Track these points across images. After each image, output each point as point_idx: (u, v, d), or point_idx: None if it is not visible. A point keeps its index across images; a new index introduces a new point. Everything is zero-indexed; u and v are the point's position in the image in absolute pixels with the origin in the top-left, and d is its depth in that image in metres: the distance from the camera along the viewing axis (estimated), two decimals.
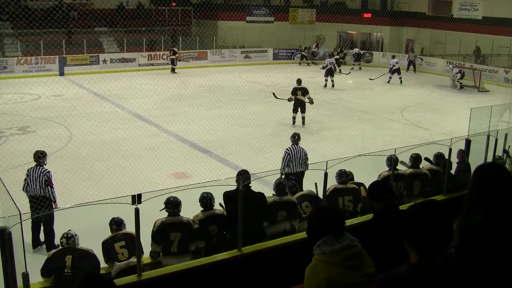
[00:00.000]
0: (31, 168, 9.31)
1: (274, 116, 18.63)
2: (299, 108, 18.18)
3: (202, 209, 7.07)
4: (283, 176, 10.20)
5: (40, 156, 9.34)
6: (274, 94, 18.88)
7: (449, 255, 2.75)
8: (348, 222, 6.44)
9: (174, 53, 30.06)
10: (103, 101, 21.67)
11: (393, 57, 29.71)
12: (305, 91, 18.17)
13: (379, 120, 19.49)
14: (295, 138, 11.06)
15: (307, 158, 10.86)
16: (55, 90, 21.27)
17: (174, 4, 36.54)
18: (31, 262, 4.97)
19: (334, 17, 36.17)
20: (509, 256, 2.90)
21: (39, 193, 9.15)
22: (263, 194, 7.43)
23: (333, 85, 26.39)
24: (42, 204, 9.11)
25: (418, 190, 8.67)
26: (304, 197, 8.02)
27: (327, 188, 7.35)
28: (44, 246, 9.22)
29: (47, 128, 16.92)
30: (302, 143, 11.04)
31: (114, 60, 30.99)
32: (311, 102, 18.14)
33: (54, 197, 9.29)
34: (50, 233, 9.15)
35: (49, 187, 9.22)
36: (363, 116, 20.15)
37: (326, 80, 26.47)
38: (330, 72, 26.50)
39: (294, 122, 18.29)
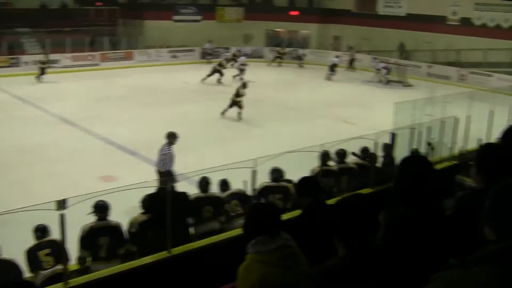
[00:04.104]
0: None
1: (204, 115, 18.57)
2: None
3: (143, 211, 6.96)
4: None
5: None
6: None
7: (376, 246, 2.80)
8: None
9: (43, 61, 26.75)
10: (25, 105, 20.92)
11: (337, 57, 30.22)
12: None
13: (307, 116, 19.72)
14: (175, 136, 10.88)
15: None
16: None
17: (100, 3, 35.79)
18: None
19: (262, 15, 36.41)
20: (431, 246, 2.97)
21: None
22: (184, 193, 7.40)
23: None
24: None
25: (346, 185, 8.79)
26: (234, 195, 7.98)
27: (257, 186, 7.36)
28: None
29: None
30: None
31: (37, 62, 29.96)
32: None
33: None
34: None
35: None
36: (291, 112, 20.34)
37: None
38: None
39: (223, 113, 18.78)
